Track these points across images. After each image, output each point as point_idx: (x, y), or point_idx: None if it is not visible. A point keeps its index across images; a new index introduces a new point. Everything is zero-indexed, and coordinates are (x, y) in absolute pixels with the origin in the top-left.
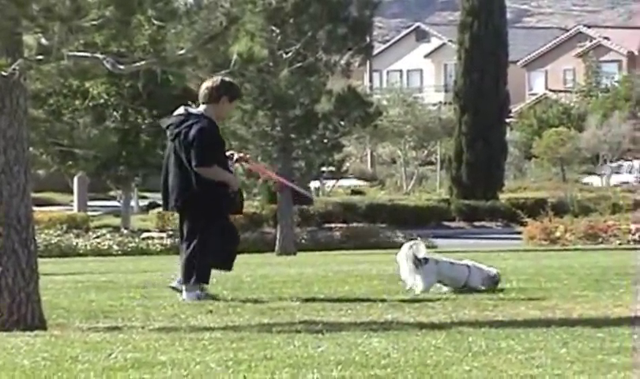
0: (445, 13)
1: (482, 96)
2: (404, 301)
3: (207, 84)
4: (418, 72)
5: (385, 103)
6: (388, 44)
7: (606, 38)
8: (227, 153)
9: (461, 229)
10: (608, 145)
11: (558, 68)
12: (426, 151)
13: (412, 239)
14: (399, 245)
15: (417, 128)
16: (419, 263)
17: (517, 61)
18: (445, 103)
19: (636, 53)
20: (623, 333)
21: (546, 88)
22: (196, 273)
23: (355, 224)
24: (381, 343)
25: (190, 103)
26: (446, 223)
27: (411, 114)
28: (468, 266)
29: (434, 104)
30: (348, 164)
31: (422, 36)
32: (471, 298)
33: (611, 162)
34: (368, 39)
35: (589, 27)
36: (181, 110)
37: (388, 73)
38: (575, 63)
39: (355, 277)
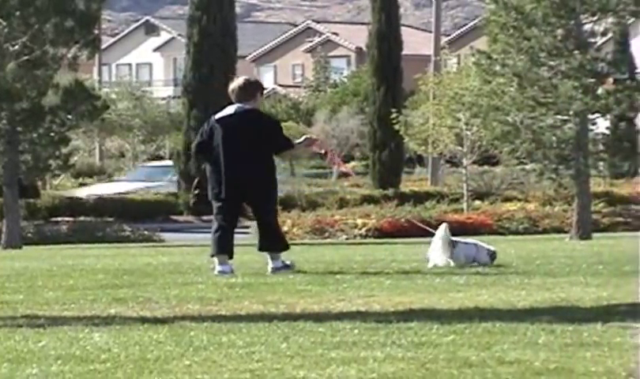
0: (174, 7)
1: (211, 91)
2: (127, 296)
3: (238, 84)
4: (147, 66)
5: (113, 96)
6: (117, 38)
7: (335, 33)
8: (303, 137)
9: (190, 223)
10: (337, 140)
11: (287, 63)
12: (155, 145)
13: (441, 224)
14: (126, 239)
15: (146, 122)
16: (452, 244)
17: (247, 55)
18: (174, 97)
19: (364, 49)
20: (344, 328)
21: (275, 82)
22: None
23: (82, 218)
24: (102, 337)
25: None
26: (174, 217)
27: (140, 107)
28: (475, 244)
29: (164, 98)
30: (75, 158)
31: (151, 30)
32: (194, 294)
33: (339, 156)
34: (96, 32)
35: (318, 22)
36: (235, 106)
37: (117, 66)
38: (304, 58)
39: (79, 271)
